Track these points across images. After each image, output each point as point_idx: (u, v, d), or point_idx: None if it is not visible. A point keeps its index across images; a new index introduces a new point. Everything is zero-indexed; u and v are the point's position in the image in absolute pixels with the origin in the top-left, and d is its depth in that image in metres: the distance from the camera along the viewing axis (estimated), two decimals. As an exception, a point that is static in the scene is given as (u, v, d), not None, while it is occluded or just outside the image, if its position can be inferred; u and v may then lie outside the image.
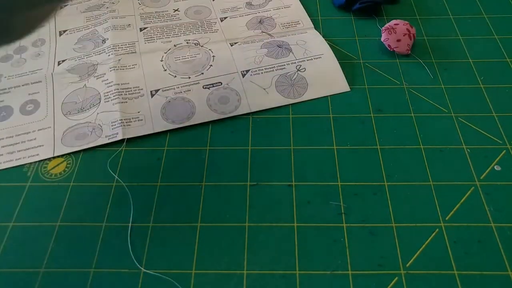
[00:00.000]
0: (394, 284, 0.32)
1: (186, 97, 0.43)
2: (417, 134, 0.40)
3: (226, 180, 0.38)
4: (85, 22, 0.52)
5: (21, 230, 0.35)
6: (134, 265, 0.33)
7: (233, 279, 0.32)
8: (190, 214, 0.36)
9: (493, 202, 0.36)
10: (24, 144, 0.40)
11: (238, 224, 0.35)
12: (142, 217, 0.35)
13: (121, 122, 0.41)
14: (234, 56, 0.47)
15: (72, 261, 0.33)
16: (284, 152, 0.39)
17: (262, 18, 0.52)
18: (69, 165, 0.39)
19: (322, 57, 0.47)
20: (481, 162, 0.38)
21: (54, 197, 0.37)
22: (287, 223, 0.35)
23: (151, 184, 0.38)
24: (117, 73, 0.45)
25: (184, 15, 0.53)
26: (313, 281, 0.32)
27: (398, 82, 0.45)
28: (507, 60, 0.47)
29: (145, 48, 0.48)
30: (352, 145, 0.40)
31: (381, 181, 0.37)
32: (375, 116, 0.42)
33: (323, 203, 0.36)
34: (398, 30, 0.47)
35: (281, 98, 0.43)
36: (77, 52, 0.48)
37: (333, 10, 0.53)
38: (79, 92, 0.44)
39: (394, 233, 0.34)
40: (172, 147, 0.40)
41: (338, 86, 0.45)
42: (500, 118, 0.42)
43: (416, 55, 0.47)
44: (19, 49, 0.49)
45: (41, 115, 0.43)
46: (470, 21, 0.52)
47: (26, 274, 0.33)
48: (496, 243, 0.34)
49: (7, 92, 0.45)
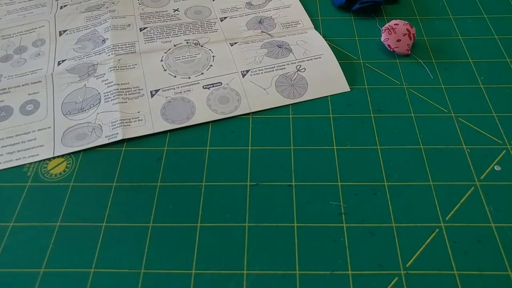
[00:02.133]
0: (394, 284, 0.32)
1: (186, 97, 0.43)
2: (417, 134, 0.40)
3: (226, 180, 0.38)
4: (85, 22, 0.52)
5: (21, 230, 0.35)
6: (134, 265, 0.33)
7: (233, 279, 0.32)
8: (190, 214, 0.36)
9: (493, 202, 0.36)
10: (24, 144, 0.40)
11: (238, 224, 0.35)
12: (142, 217, 0.35)
13: (121, 122, 0.41)
14: (234, 56, 0.47)
15: (72, 261, 0.33)
16: (284, 152, 0.39)
17: (262, 18, 0.52)
18: (69, 165, 0.39)
19: (322, 57, 0.47)
20: (481, 162, 0.38)
21: (54, 197, 0.37)
22: (287, 223, 0.35)
23: (151, 184, 0.38)
24: (117, 73, 0.45)
25: (184, 15, 0.53)
26: (313, 281, 0.32)
27: (398, 82, 0.45)
28: (507, 60, 0.47)
29: (145, 48, 0.48)
30: (352, 145, 0.40)
31: (381, 181, 0.37)
32: (375, 116, 0.42)
33: (323, 203, 0.36)
34: (398, 30, 0.47)
35: (281, 98, 0.43)
36: (77, 52, 0.48)
37: (333, 10, 0.53)
38: (79, 92, 0.44)
39: (394, 233, 0.34)
40: (172, 147, 0.40)
41: (338, 86, 0.45)
42: (500, 118, 0.42)
43: (416, 55, 0.47)
44: (19, 49, 0.49)
45: (41, 115, 0.43)
46: (470, 21, 0.52)
47: (26, 274, 0.33)
48: (496, 243, 0.34)
49: (7, 92, 0.45)
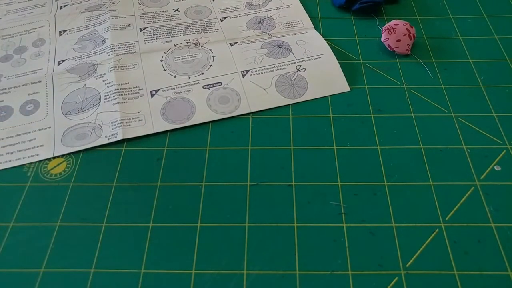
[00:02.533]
0: (394, 284, 0.32)
1: (186, 97, 0.43)
2: (417, 134, 0.40)
3: (226, 180, 0.38)
4: (85, 22, 0.52)
5: (21, 230, 0.35)
6: (134, 265, 0.33)
7: (233, 279, 0.32)
8: (190, 214, 0.36)
9: (493, 202, 0.36)
10: (24, 144, 0.40)
11: (238, 224, 0.35)
12: (142, 217, 0.35)
13: (121, 122, 0.41)
14: (234, 56, 0.47)
15: (72, 261, 0.33)
16: (284, 152, 0.39)
17: (262, 18, 0.52)
18: (69, 165, 0.39)
19: (322, 57, 0.47)
20: (481, 162, 0.38)
21: (54, 197, 0.37)
22: (287, 223, 0.35)
23: (151, 184, 0.38)
24: (117, 73, 0.45)
25: (184, 15, 0.53)
26: (313, 281, 0.32)
27: (398, 82, 0.45)
28: (507, 60, 0.47)
29: (145, 48, 0.48)
30: (352, 145, 0.40)
31: (381, 181, 0.37)
32: (375, 116, 0.42)
33: (323, 203, 0.36)
34: (398, 30, 0.47)
35: (281, 98, 0.43)
36: (77, 52, 0.48)
37: (333, 10, 0.53)
38: (79, 92, 0.44)
39: (394, 233, 0.34)
40: (172, 147, 0.40)
41: (338, 86, 0.45)
42: (500, 118, 0.42)
43: (416, 55, 0.47)
44: (19, 49, 0.49)
45: (41, 115, 0.43)
46: (470, 21, 0.52)
47: (26, 274, 0.33)
48: (496, 243, 0.34)
49: (7, 92, 0.45)
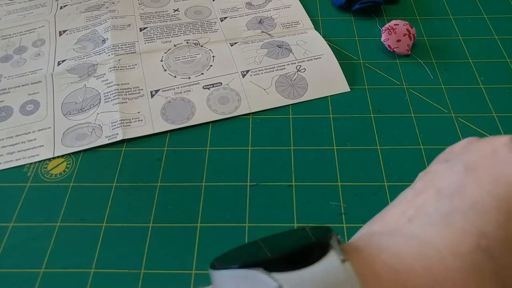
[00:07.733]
0: (394, 284, 0.32)
1: (186, 97, 0.43)
2: (417, 134, 0.40)
3: (226, 180, 0.38)
4: (85, 22, 0.52)
5: (21, 230, 0.35)
6: (134, 265, 0.33)
7: (233, 279, 0.32)
8: (190, 214, 0.36)
9: (493, 202, 0.36)
10: (24, 144, 0.40)
11: (238, 224, 0.35)
12: (142, 217, 0.35)
13: (121, 123, 0.41)
14: (234, 56, 0.47)
15: (72, 261, 0.33)
16: (284, 152, 0.39)
17: (262, 18, 0.52)
18: (69, 165, 0.39)
19: (322, 57, 0.47)
20: (481, 162, 0.38)
21: (54, 197, 0.37)
22: (287, 223, 0.35)
23: (151, 184, 0.38)
24: (117, 73, 0.45)
25: (184, 15, 0.53)
26: (313, 281, 0.32)
27: (398, 82, 0.45)
28: (507, 60, 0.47)
29: (145, 48, 0.48)
30: (352, 145, 0.40)
31: (381, 181, 0.37)
32: (375, 116, 0.42)
33: (323, 203, 0.36)
34: (398, 30, 0.47)
35: (281, 98, 0.43)
36: (77, 52, 0.48)
37: (333, 10, 0.53)
38: (79, 92, 0.44)
39: (394, 233, 0.34)
40: (172, 147, 0.40)
41: (338, 86, 0.44)
42: (500, 118, 0.42)
43: (416, 55, 0.47)
44: (19, 49, 0.49)
45: (41, 115, 0.43)
46: (470, 21, 0.52)
47: (26, 274, 0.33)
48: (496, 243, 0.34)
49: (7, 92, 0.45)
